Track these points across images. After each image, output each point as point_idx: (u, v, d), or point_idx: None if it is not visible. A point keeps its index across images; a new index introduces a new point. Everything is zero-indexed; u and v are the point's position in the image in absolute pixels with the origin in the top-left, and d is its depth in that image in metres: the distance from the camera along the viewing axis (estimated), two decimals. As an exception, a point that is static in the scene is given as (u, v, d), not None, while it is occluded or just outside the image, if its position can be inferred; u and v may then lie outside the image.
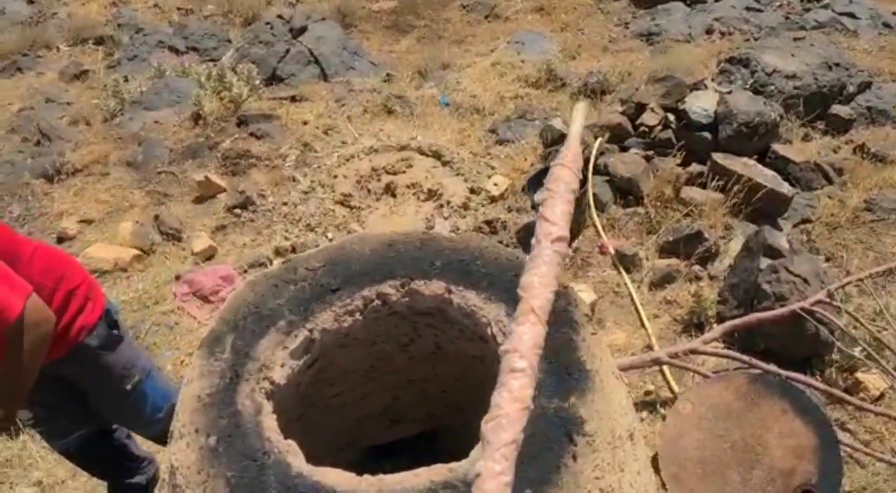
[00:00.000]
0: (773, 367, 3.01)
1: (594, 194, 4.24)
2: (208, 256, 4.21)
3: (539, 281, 1.64)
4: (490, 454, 1.37)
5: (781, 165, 4.39)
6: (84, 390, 2.44)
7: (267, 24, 6.63)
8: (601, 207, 4.25)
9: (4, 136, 5.61)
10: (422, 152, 4.98)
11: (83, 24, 7.48)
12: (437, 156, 4.92)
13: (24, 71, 6.76)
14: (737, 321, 3.28)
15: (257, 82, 5.72)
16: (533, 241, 1.76)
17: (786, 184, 4.23)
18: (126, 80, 6.10)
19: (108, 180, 4.93)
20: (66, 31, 7.40)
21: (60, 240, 4.43)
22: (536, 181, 4.24)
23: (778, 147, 4.49)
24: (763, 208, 4.12)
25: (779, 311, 3.20)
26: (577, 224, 4.17)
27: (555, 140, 4.68)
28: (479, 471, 1.37)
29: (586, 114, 2.11)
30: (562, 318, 1.82)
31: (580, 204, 4.10)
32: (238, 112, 5.38)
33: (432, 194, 4.58)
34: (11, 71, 6.76)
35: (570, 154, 1.94)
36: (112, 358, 2.41)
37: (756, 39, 6.17)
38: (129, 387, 2.46)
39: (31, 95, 6.20)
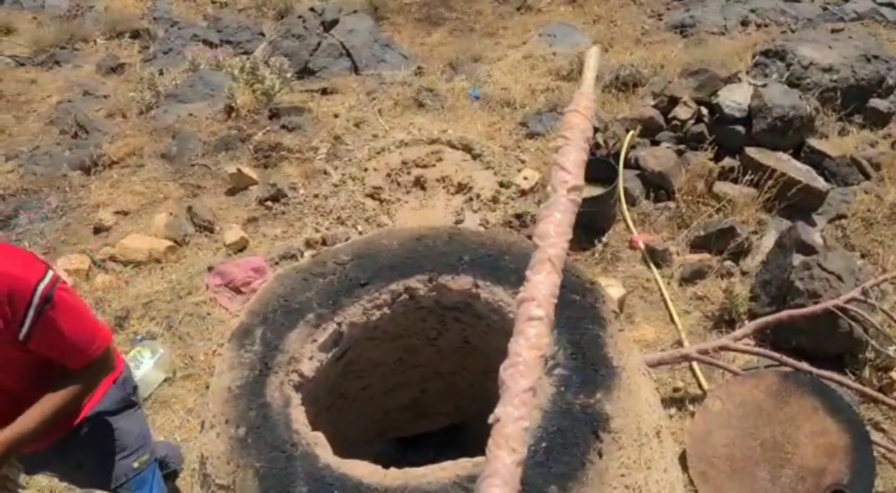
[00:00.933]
0: (804, 365, 2.98)
1: (625, 188, 4.21)
2: (240, 247, 4.27)
3: (555, 230, 1.62)
4: (509, 400, 1.37)
5: (816, 160, 4.32)
6: (82, 462, 2.19)
7: (299, 17, 6.67)
8: (632, 202, 4.22)
9: (43, 128, 5.73)
10: (452, 146, 4.98)
11: (119, 18, 7.60)
12: (467, 149, 4.92)
13: (62, 64, 6.89)
14: (769, 318, 3.24)
15: (289, 75, 5.76)
16: (548, 189, 1.76)
17: (821, 179, 4.17)
18: (161, 73, 6.18)
19: (144, 172, 5.00)
20: (102, 25, 7.52)
21: (97, 231, 4.52)
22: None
23: (813, 141, 4.41)
24: (797, 204, 4.06)
25: (812, 308, 3.15)
26: (608, 218, 4.15)
27: (586, 134, 4.65)
28: (498, 416, 1.36)
29: (599, 58, 2.08)
30: (589, 314, 1.82)
31: (611, 197, 4.07)
32: (270, 105, 5.42)
33: (462, 188, 4.58)
34: (50, 64, 6.88)
35: (583, 100, 1.90)
36: (125, 426, 2.20)
37: (793, 31, 6.06)
38: (135, 465, 2.23)
39: (69, 87, 6.31)
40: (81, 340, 1.90)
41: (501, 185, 4.55)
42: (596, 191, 4.08)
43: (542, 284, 1.56)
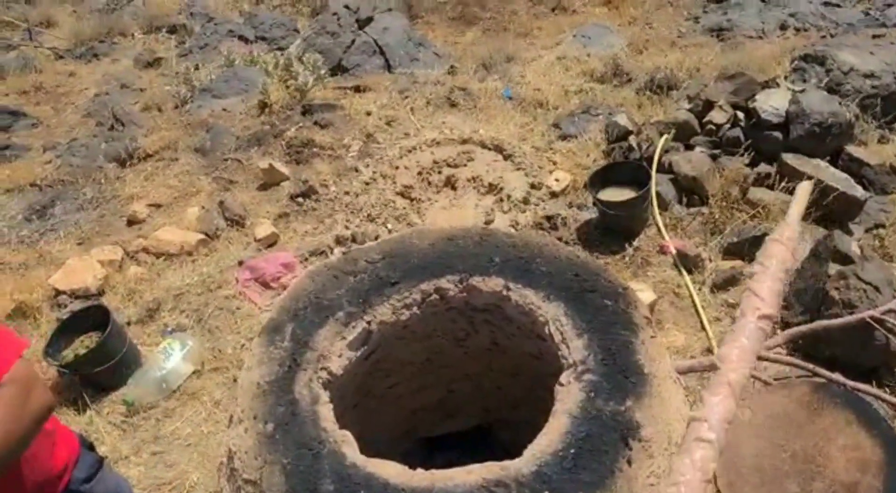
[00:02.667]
0: (838, 376, 2.91)
1: (657, 193, 4.16)
2: (270, 242, 4.29)
3: (738, 355, 1.63)
4: None
5: (855, 168, 4.23)
6: None
7: (334, 14, 6.70)
8: (664, 206, 4.18)
9: (81, 120, 5.82)
10: (483, 146, 4.97)
11: (157, 13, 7.70)
12: (498, 149, 4.90)
13: (100, 57, 6.99)
14: (802, 328, 3.17)
15: (322, 72, 5.79)
16: (738, 313, 1.78)
17: (859, 187, 4.08)
18: (197, 68, 6.24)
19: (177, 166, 5.06)
20: (140, 20, 7.63)
21: (131, 223, 4.57)
22: (598, 178, 4.18)
23: (852, 149, 4.33)
24: (834, 212, 3.98)
25: (847, 319, 3.08)
26: (640, 222, 4.10)
27: (619, 136, 4.62)
28: None
29: (809, 195, 2.09)
30: (621, 319, 1.80)
31: (644, 201, 4.03)
32: (303, 101, 5.45)
33: (493, 188, 4.57)
34: (88, 57, 6.99)
35: (787, 231, 1.91)
36: (102, 487, 1.98)
37: (832, 36, 5.96)
38: None
39: (107, 80, 6.40)
40: None
41: (532, 186, 4.53)
42: (628, 194, 4.04)
43: (717, 407, 1.59)
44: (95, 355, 3.40)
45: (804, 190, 2.06)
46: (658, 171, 4.28)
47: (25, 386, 1.57)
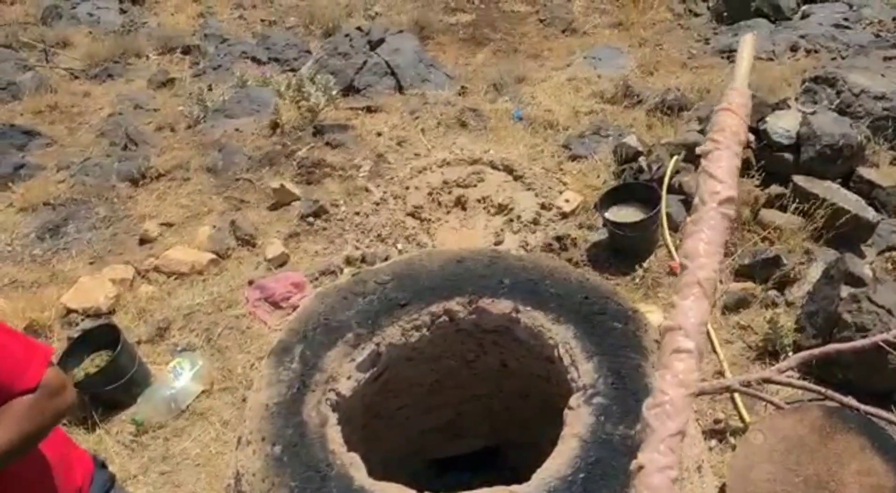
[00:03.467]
0: (851, 400, 2.89)
1: (668, 214, 4.16)
2: (281, 262, 4.30)
3: (704, 248, 1.44)
4: (654, 445, 1.23)
5: (866, 190, 4.22)
6: None
7: (346, 35, 6.75)
8: (674, 228, 4.17)
9: (95, 140, 5.86)
10: (494, 166, 4.98)
11: (171, 34, 7.77)
12: (508, 170, 4.92)
13: (114, 77, 7.06)
14: (814, 351, 3.16)
15: (334, 93, 5.82)
16: (695, 201, 1.54)
17: (871, 209, 4.06)
18: (210, 88, 6.29)
19: (189, 185, 5.09)
20: (155, 41, 7.70)
21: (143, 242, 4.60)
22: (609, 199, 4.18)
23: (863, 171, 4.31)
24: (846, 234, 3.96)
25: (860, 342, 3.06)
26: (650, 244, 4.10)
27: (629, 157, 4.62)
28: (641, 463, 1.25)
29: (755, 47, 1.83)
30: (631, 342, 1.79)
31: (654, 223, 4.03)
32: (315, 121, 5.49)
33: (503, 209, 4.57)
34: (103, 77, 7.06)
35: (736, 96, 1.67)
36: None
37: (843, 58, 5.96)
38: None
39: (121, 100, 6.46)
40: (21, 352, 1.61)
41: (542, 207, 4.53)
42: (638, 216, 4.04)
43: (691, 310, 1.39)
44: (106, 374, 3.41)
45: (748, 43, 1.80)
46: (668, 192, 4.27)
47: (56, 391, 1.62)
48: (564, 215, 4.46)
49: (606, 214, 4.07)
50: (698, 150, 1.69)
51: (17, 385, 1.57)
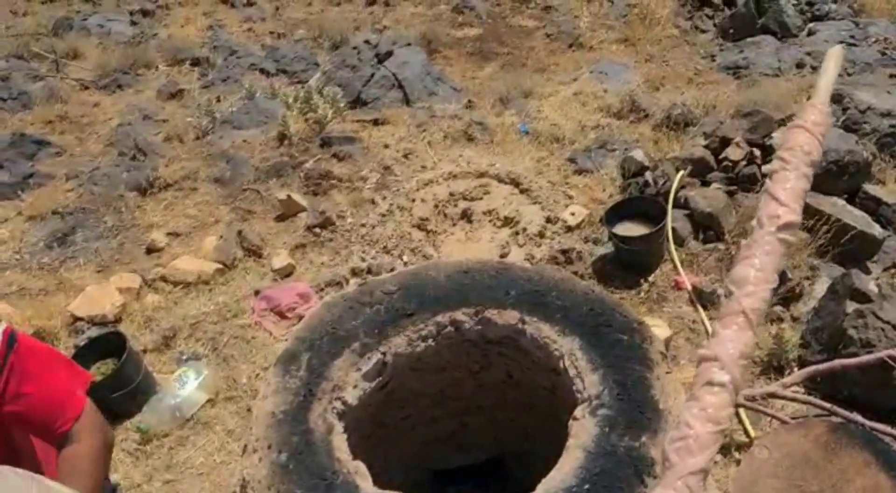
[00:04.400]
0: (856, 416, 2.88)
1: (673, 228, 4.17)
2: (287, 273, 4.32)
3: (755, 276, 1.34)
4: (671, 481, 1.17)
5: (872, 207, 4.23)
6: None
7: (354, 48, 6.80)
8: (680, 242, 4.17)
9: (104, 149, 5.91)
10: (500, 179, 5.00)
11: (181, 46, 7.84)
12: (514, 183, 4.93)
13: (124, 88, 7.12)
14: (820, 366, 3.15)
15: (342, 105, 5.86)
16: (753, 223, 1.43)
17: (877, 226, 4.07)
18: (218, 99, 6.34)
19: (197, 195, 5.12)
20: (164, 52, 7.77)
21: (150, 251, 4.62)
22: (614, 213, 4.20)
23: (869, 187, 4.32)
24: (851, 251, 3.96)
25: (865, 358, 3.06)
26: (656, 258, 4.10)
27: (635, 171, 4.64)
28: None
29: (841, 62, 1.67)
30: (636, 354, 1.80)
31: (659, 237, 4.04)
32: (322, 133, 5.52)
33: (508, 222, 4.59)
34: (113, 88, 7.12)
35: (813, 114, 1.53)
36: None
37: (850, 75, 5.98)
38: None
39: (130, 111, 6.50)
40: (62, 388, 1.56)
41: (548, 220, 4.54)
42: (644, 230, 4.05)
43: (731, 341, 1.30)
44: (111, 382, 3.42)
45: (835, 58, 1.63)
46: (674, 206, 4.29)
47: (100, 430, 1.57)
48: (570, 229, 4.47)
49: (612, 229, 4.08)
50: (765, 168, 1.60)
51: (57, 427, 1.53)
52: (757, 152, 4.43)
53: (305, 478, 1.58)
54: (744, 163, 4.43)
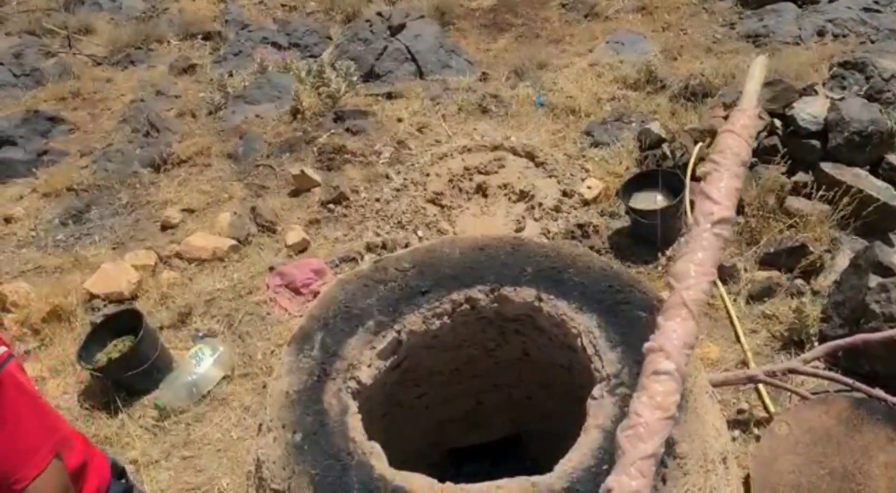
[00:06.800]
0: (879, 392, 2.84)
1: (691, 202, 4.10)
2: (301, 249, 4.30)
3: (695, 270, 1.43)
4: (625, 468, 1.24)
5: (896, 177, 4.14)
6: None
7: (366, 21, 6.72)
8: (698, 215, 4.11)
9: (117, 126, 5.90)
10: (515, 153, 4.94)
11: (193, 20, 7.78)
12: (530, 157, 4.88)
13: (136, 64, 7.09)
14: (841, 341, 3.11)
15: (355, 79, 5.80)
16: (690, 220, 1.60)
17: (900, 197, 3.99)
18: (231, 74, 6.30)
19: (210, 172, 5.10)
20: (176, 27, 7.72)
21: (164, 228, 4.62)
22: (631, 186, 4.14)
23: (893, 157, 4.22)
24: (874, 223, 3.89)
25: (888, 332, 3.01)
26: (673, 231, 4.05)
27: (652, 144, 4.56)
28: (610, 486, 1.25)
29: (765, 71, 1.81)
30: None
31: (677, 210, 3.98)
32: (335, 108, 5.47)
33: (524, 196, 4.54)
34: (125, 64, 7.09)
35: (741, 118, 1.65)
36: None
37: (873, 42, 5.84)
38: None
39: (143, 86, 6.48)
40: (30, 443, 1.43)
41: (564, 194, 4.49)
42: (661, 203, 3.99)
43: (675, 332, 1.40)
44: (128, 359, 3.43)
45: (760, 65, 1.79)
46: (692, 179, 4.21)
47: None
48: (586, 202, 4.42)
49: (629, 202, 4.03)
50: (699, 171, 1.76)
51: (13, 482, 1.39)
52: (777, 123, 4.34)
53: (320, 458, 1.57)
54: (764, 133, 4.34)
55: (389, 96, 5.78)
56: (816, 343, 3.32)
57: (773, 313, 3.56)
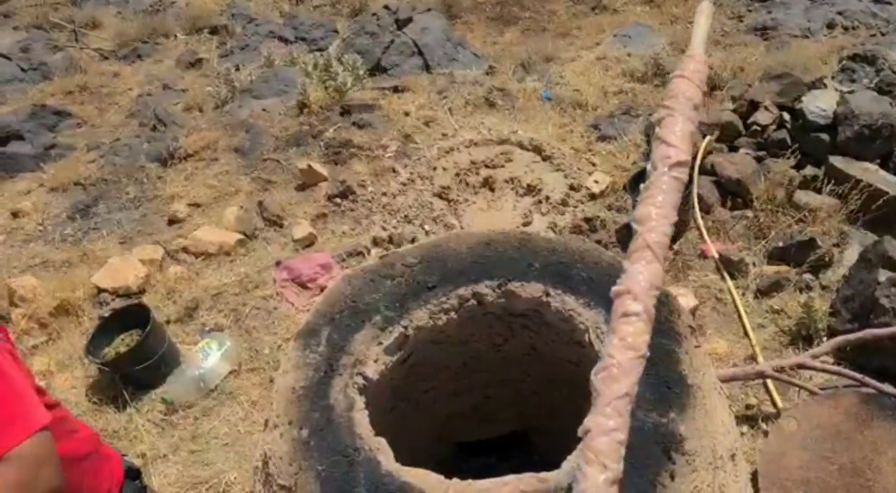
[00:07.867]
0: (888, 387, 2.83)
1: (699, 195, 4.09)
2: (308, 243, 4.30)
3: (656, 212, 1.47)
4: (601, 409, 1.25)
5: (906, 171, 4.11)
6: None
7: (373, 14, 6.70)
8: (706, 209, 4.10)
9: (124, 120, 5.90)
10: (522, 147, 4.93)
11: (199, 14, 7.78)
12: (537, 151, 4.86)
13: (143, 58, 7.09)
14: (850, 336, 3.09)
15: (361, 72, 5.79)
16: (648, 167, 1.59)
17: (910, 191, 3.96)
18: (237, 68, 6.29)
19: (217, 166, 5.10)
20: (183, 21, 7.71)
21: (171, 222, 4.62)
22: (638, 180, 4.11)
23: (903, 151, 4.20)
24: (883, 217, 3.86)
25: (897, 327, 2.99)
26: (681, 225, 4.03)
27: (660, 138, 4.53)
28: (588, 427, 1.26)
29: (711, 16, 1.85)
30: (663, 328, 1.75)
31: (685, 204, 3.96)
32: (342, 102, 5.46)
33: (531, 190, 4.52)
34: (132, 58, 7.09)
35: (691, 63, 1.69)
36: None
37: (883, 35, 5.79)
38: None
39: (150, 81, 6.48)
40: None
41: (571, 188, 4.48)
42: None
43: (641, 274, 1.42)
44: (135, 354, 3.44)
45: (705, 12, 1.81)
46: (700, 173, 4.20)
47: (31, 465, 1.39)
48: (593, 196, 4.40)
49: (636, 196, 4.00)
50: (653, 117, 1.80)
51: None
52: (786, 116, 4.32)
53: (327, 455, 1.57)
54: (773, 127, 4.32)
55: (396, 90, 5.77)
56: (825, 338, 3.30)
57: (782, 307, 3.54)
